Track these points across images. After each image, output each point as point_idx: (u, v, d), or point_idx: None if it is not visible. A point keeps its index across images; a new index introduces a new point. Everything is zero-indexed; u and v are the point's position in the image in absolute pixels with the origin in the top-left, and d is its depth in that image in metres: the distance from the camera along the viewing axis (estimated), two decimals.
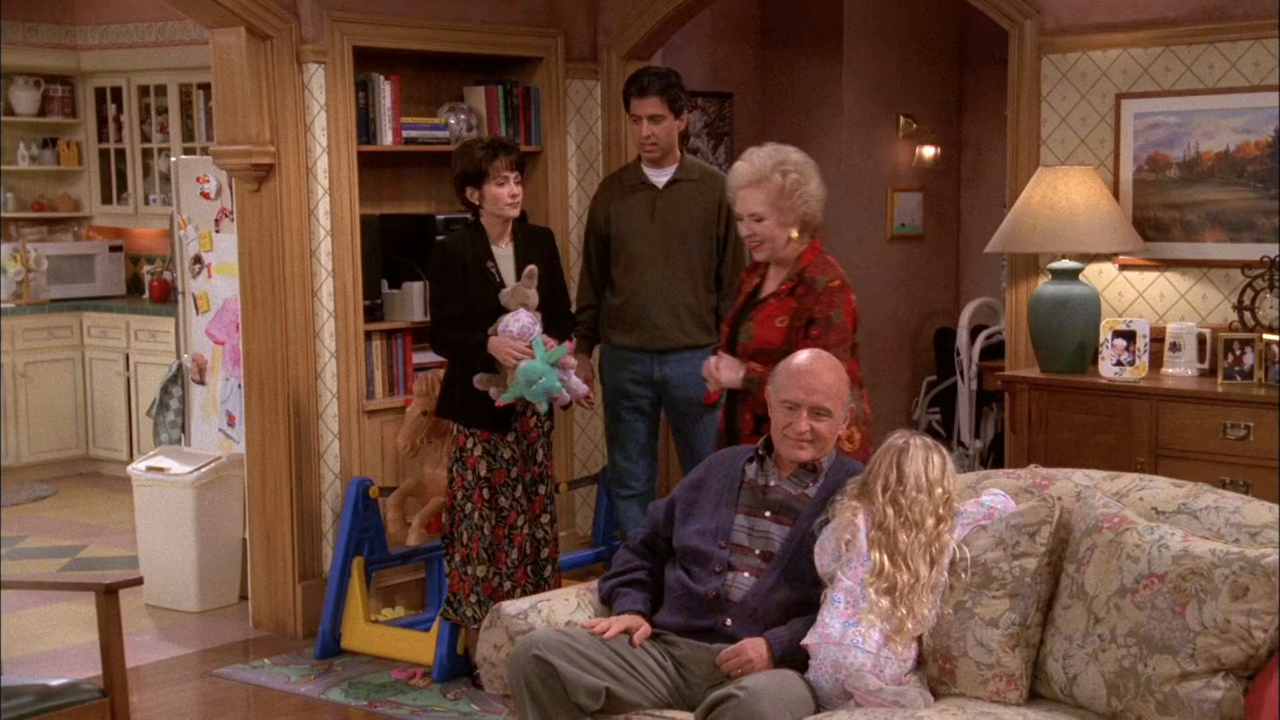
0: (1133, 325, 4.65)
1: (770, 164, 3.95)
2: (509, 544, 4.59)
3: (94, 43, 8.26)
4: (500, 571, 4.59)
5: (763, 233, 3.95)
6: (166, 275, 7.96)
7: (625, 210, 5.07)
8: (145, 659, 5.05)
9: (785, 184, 3.93)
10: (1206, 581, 2.89)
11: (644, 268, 5.03)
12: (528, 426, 4.60)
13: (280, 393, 5.21)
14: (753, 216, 3.96)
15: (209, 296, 5.89)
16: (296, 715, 4.55)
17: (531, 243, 4.67)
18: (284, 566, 5.28)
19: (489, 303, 4.51)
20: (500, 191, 4.53)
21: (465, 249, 4.58)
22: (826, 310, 3.85)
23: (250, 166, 5.11)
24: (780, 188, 3.92)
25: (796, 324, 3.87)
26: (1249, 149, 4.68)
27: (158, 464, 5.74)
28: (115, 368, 7.93)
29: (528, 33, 5.79)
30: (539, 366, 4.42)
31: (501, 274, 4.57)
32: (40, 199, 8.49)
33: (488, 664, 3.40)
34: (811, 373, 3.39)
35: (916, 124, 7.78)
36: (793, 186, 3.93)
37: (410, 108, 5.55)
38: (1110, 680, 2.97)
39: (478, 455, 4.57)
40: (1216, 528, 3.07)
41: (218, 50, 5.14)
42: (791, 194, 3.93)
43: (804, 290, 3.89)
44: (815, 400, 3.34)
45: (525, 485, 4.61)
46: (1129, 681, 2.94)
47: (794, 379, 3.39)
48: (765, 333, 3.91)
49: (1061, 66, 4.98)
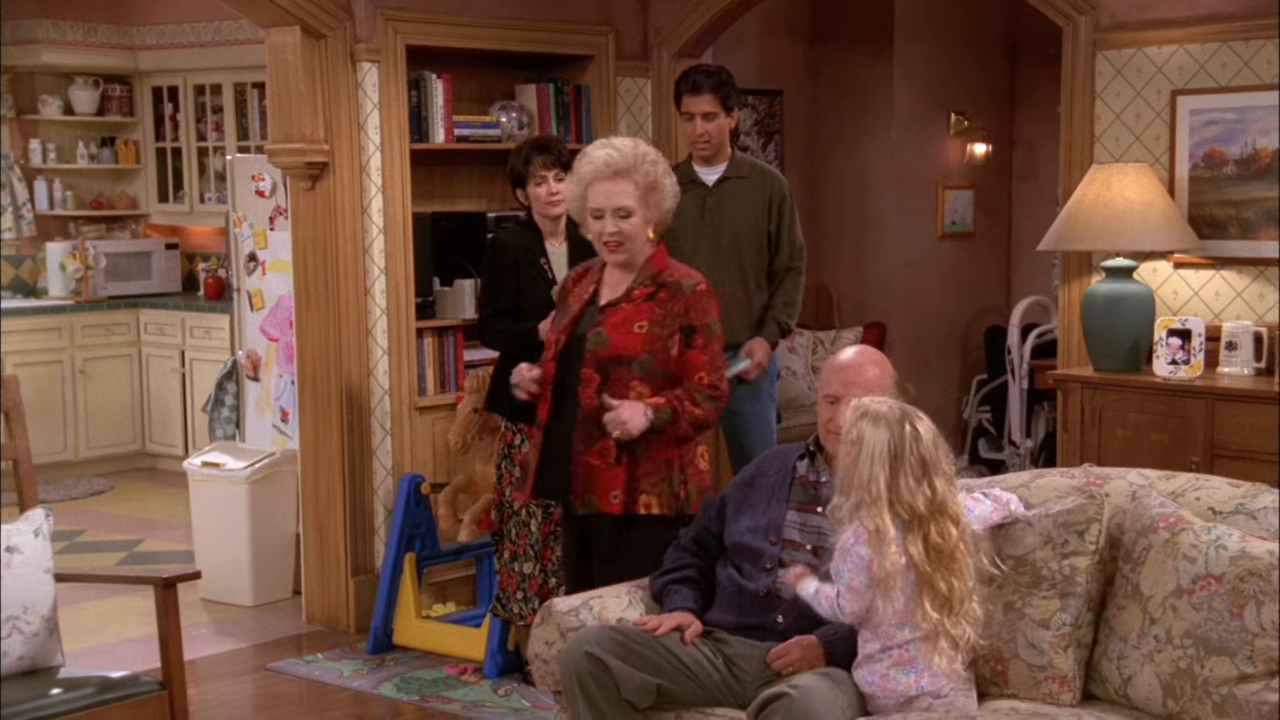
0: (1188, 324, 4.61)
1: (637, 154, 3.63)
2: (556, 541, 4.60)
3: (151, 43, 8.36)
4: (547, 569, 4.61)
5: (628, 230, 3.64)
6: (221, 272, 8.05)
7: (675, 209, 5.07)
8: (200, 653, 5.10)
9: (653, 176, 3.64)
10: (1265, 583, 2.86)
11: (695, 266, 5.01)
12: None
13: (333, 389, 5.26)
14: (619, 212, 3.63)
15: (263, 294, 5.95)
16: (349, 710, 4.59)
17: (586, 241, 4.68)
18: (337, 562, 5.33)
19: (540, 299, 4.53)
20: (539, 191, 4.56)
21: (519, 246, 4.61)
22: (704, 317, 3.67)
23: (304, 165, 5.16)
24: (650, 181, 3.64)
25: (663, 331, 3.64)
26: None
27: (213, 459, 5.80)
28: (171, 364, 8.02)
29: (579, 30, 5.80)
30: None
31: (554, 272, 4.59)
32: (99, 197, 8.60)
33: (539, 660, 3.41)
34: (853, 367, 3.35)
35: (968, 121, 7.74)
36: (658, 180, 3.65)
37: (462, 106, 5.58)
38: (1166, 681, 2.95)
39: (525, 452, 4.59)
40: (1275, 528, 3.04)
41: (273, 49, 5.19)
42: (658, 189, 3.65)
43: (668, 295, 3.65)
44: (854, 394, 3.32)
45: None
46: (1185, 683, 2.92)
47: (836, 373, 3.37)
48: (622, 338, 3.64)
49: (1116, 63, 4.94)
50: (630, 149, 3.64)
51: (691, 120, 4.97)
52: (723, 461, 5.72)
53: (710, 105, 4.94)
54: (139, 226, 8.73)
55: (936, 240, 7.71)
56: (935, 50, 7.58)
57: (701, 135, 4.96)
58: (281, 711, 4.62)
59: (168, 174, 8.53)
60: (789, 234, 5.07)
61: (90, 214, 8.53)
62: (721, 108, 4.96)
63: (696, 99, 4.94)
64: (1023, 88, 7.92)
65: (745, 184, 5.03)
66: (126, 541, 6.68)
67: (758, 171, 5.11)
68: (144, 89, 8.52)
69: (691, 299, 3.67)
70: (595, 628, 3.27)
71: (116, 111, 8.52)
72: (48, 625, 3.46)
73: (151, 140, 8.56)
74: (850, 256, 7.67)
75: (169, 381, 8.03)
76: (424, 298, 5.40)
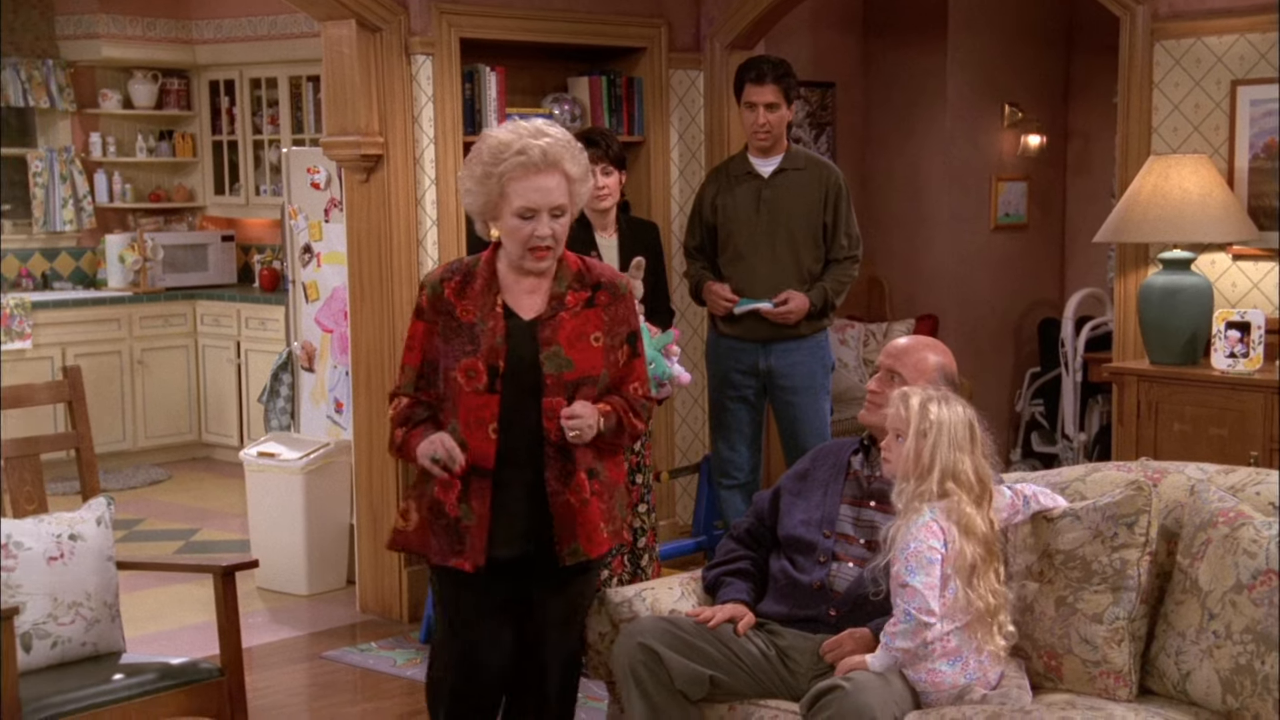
0: (1247, 316, 4.56)
1: (566, 138, 3.13)
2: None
3: (209, 37, 8.44)
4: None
5: (560, 233, 3.14)
6: (276, 264, 8.12)
7: (731, 200, 5.08)
8: (256, 640, 5.15)
9: (582, 164, 3.18)
10: None
11: (750, 258, 5.03)
12: None
13: (387, 380, 5.29)
14: (554, 211, 3.11)
15: (318, 285, 5.99)
16: (402, 698, 4.62)
17: (637, 235, 4.69)
18: (390, 552, 5.35)
19: None
20: None
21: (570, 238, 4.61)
22: (637, 320, 3.32)
23: (359, 157, 5.19)
24: (580, 172, 3.16)
25: (613, 341, 3.22)
26: None
27: (268, 450, 5.85)
28: (227, 355, 8.11)
29: (631, 23, 5.81)
30: (649, 353, 4.44)
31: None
32: (157, 190, 8.70)
33: (592, 650, 3.42)
34: (912, 348, 3.33)
35: (1022, 113, 7.67)
36: (585, 168, 3.20)
37: (515, 98, 5.60)
38: (1225, 677, 2.92)
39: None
40: None
41: (328, 43, 5.23)
42: (585, 179, 3.19)
43: (608, 298, 3.22)
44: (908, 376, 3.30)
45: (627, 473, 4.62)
46: (1245, 679, 2.89)
47: (896, 355, 3.36)
48: (584, 357, 3.15)
49: (1175, 53, 4.88)
50: (560, 134, 3.13)
51: (754, 110, 4.97)
52: (775, 453, 5.72)
53: (774, 96, 4.95)
54: (196, 219, 8.82)
55: (990, 232, 7.65)
56: (989, 41, 7.53)
57: (763, 125, 4.97)
58: (336, 699, 4.66)
59: (224, 167, 8.61)
60: (846, 225, 5.07)
61: (148, 206, 8.63)
62: (784, 99, 4.97)
63: (760, 89, 4.95)
64: (1078, 79, 7.85)
65: (801, 176, 5.03)
66: (184, 530, 6.76)
67: (814, 163, 5.10)
68: (201, 83, 8.61)
69: (626, 300, 3.25)
70: (649, 618, 3.28)
71: (174, 105, 8.61)
72: (110, 612, 3.52)
73: (208, 133, 8.65)
74: (903, 249, 7.63)
75: (225, 372, 8.11)
76: None
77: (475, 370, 3.11)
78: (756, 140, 5.03)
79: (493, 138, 3.14)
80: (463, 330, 3.16)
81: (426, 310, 3.20)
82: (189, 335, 8.26)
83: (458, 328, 3.16)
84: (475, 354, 3.11)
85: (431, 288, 3.21)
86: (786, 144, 5.08)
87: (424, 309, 3.21)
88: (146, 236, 8.27)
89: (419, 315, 3.23)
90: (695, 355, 6.01)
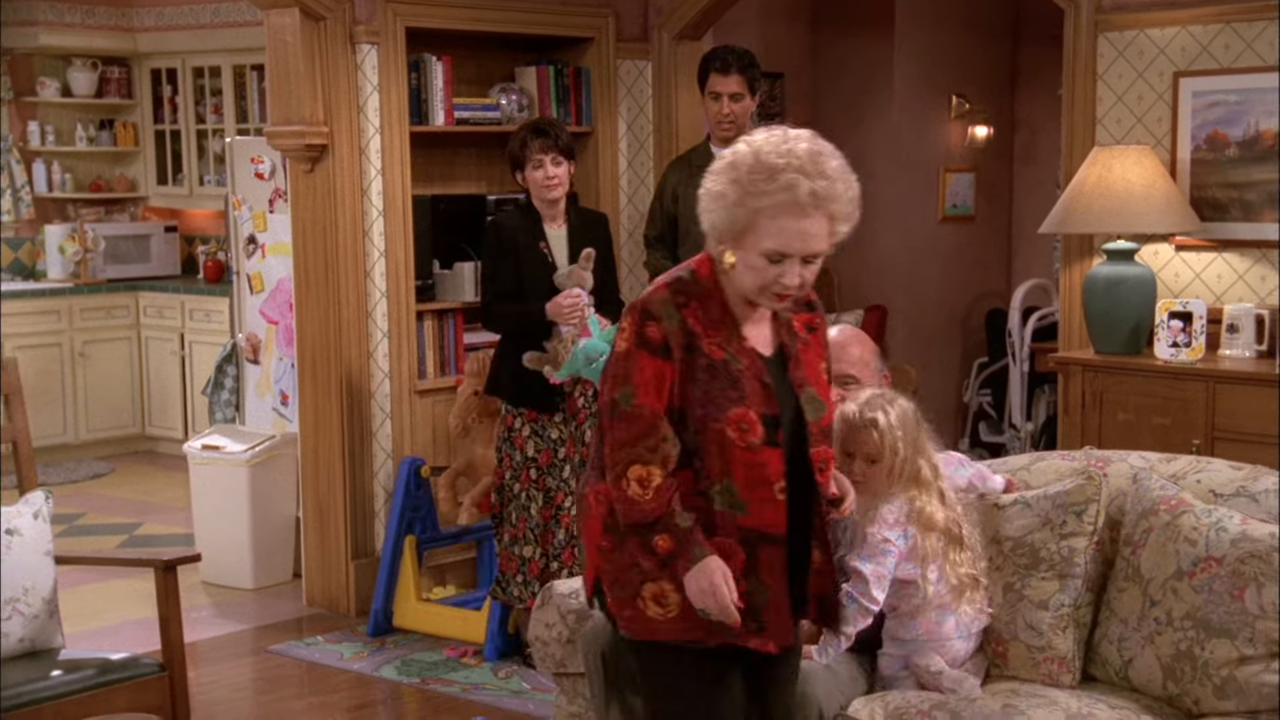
0: (1189, 306, 4.60)
1: (842, 170, 2.65)
2: (556, 525, 4.61)
3: (150, 24, 8.33)
4: (548, 552, 4.61)
5: (809, 279, 2.64)
6: (221, 255, 8.04)
7: (692, 191, 5.03)
8: (201, 635, 5.11)
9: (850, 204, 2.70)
10: (1265, 565, 2.87)
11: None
12: (575, 407, 4.61)
13: (333, 372, 5.25)
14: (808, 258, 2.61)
15: (263, 276, 5.94)
16: (349, 692, 4.59)
17: (586, 226, 4.68)
18: (337, 545, 5.33)
19: (541, 283, 4.52)
20: (536, 175, 4.54)
21: (518, 229, 4.60)
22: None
23: (304, 147, 5.14)
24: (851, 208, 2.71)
25: (826, 370, 2.80)
26: None
27: (213, 442, 5.80)
28: (170, 347, 8.02)
29: (579, 13, 5.78)
30: (600, 345, 4.43)
31: (554, 255, 4.58)
32: (97, 180, 8.59)
33: (540, 643, 3.41)
34: (838, 344, 3.31)
35: (969, 104, 7.71)
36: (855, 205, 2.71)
37: (462, 88, 5.56)
38: (1166, 664, 2.95)
39: (525, 435, 4.59)
40: (1275, 511, 3.03)
41: (272, 31, 5.17)
42: (852, 217, 2.72)
43: (821, 319, 2.85)
44: (840, 369, 3.31)
45: (574, 466, 4.62)
46: (1186, 665, 2.92)
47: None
48: (827, 397, 2.72)
49: (1118, 44, 4.92)
50: (837, 165, 2.58)
51: (718, 100, 5.00)
52: None
53: (738, 86, 4.98)
54: (138, 209, 8.71)
55: (937, 223, 7.69)
56: (936, 33, 7.56)
57: (728, 115, 5.00)
58: (282, 694, 4.62)
59: (167, 156, 8.51)
60: None
61: (89, 196, 8.51)
62: (748, 89, 5.01)
63: (725, 79, 4.98)
64: (1024, 70, 7.90)
65: None
66: (126, 524, 6.68)
67: None
68: (143, 71, 8.50)
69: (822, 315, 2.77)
70: None
71: (115, 94, 8.50)
72: (48, 607, 3.47)
73: (150, 123, 8.54)
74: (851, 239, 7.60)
75: (168, 364, 8.02)
76: (424, 280, 5.39)
77: (748, 422, 2.53)
78: (720, 130, 5.04)
79: (755, 153, 2.54)
80: (718, 371, 2.54)
81: (663, 345, 2.52)
82: (131, 327, 8.16)
83: (709, 367, 2.54)
84: (742, 401, 2.53)
85: (668, 316, 2.53)
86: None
87: (659, 343, 2.52)
88: (87, 227, 8.16)
89: (651, 350, 2.52)
90: None
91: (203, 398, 6.67)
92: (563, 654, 3.37)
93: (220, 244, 8.16)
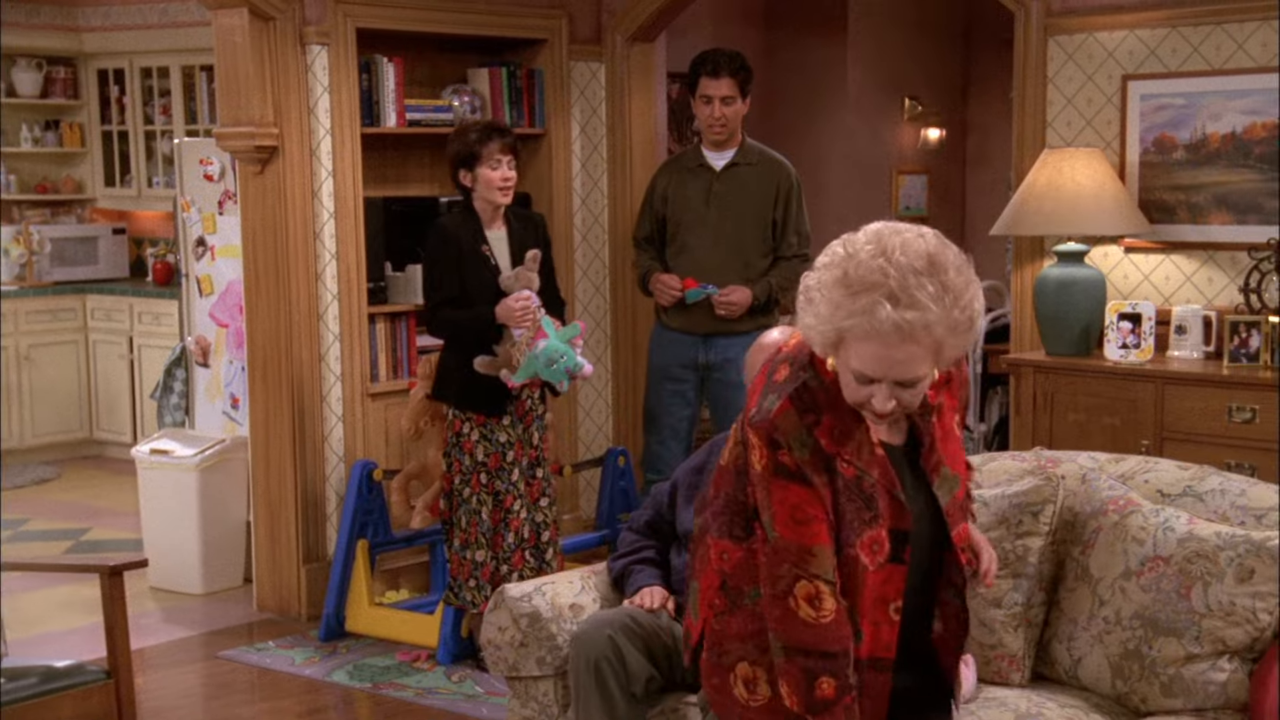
0: (1138, 308, 4.65)
1: (957, 293, 2.22)
2: (506, 528, 4.59)
3: (96, 24, 8.24)
4: (499, 556, 4.59)
5: (909, 401, 2.25)
6: (170, 258, 7.96)
7: (682, 193, 5.10)
8: (150, 641, 5.06)
9: (964, 325, 2.27)
10: (1212, 564, 2.90)
11: (696, 250, 5.05)
12: (523, 410, 4.60)
13: (284, 375, 5.21)
14: (905, 383, 2.23)
15: (212, 279, 5.89)
16: (301, 697, 4.56)
17: (525, 228, 4.66)
18: (288, 549, 5.29)
19: (485, 286, 4.50)
20: (493, 175, 4.51)
21: (461, 232, 4.57)
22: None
23: (253, 148, 5.10)
24: (963, 326, 2.26)
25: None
26: (1256, 130, 4.66)
27: (161, 446, 5.74)
28: (119, 350, 7.94)
29: (532, 14, 5.77)
30: (559, 345, 4.42)
31: (497, 258, 4.56)
32: (43, 181, 8.48)
33: (492, 646, 3.41)
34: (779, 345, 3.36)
35: (921, 106, 7.77)
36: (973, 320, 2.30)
37: (414, 90, 5.54)
38: (1115, 662, 2.97)
39: (474, 440, 4.57)
40: (1222, 510, 3.07)
41: (220, 32, 5.12)
42: (967, 331, 2.28)
43: (957, 368, 2.48)
44: None
45: (522, 469, 4.61)
46: (1134, 664, 2.94)
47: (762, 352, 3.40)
48: (959, 456, 2.43)
49: (1068, 48, 4.96)
50: (934, 295, 2.17)
51: (709, 103, 4.99)
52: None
53: (729, 89, 4.98)
54: (85, 211, 8.62)
55: None
56: (889, 36, 7.61)
57: (719, 118, 5.00)
58: (232, 699, 4.59)
59: (114, 158, 8.42)
60: (796, 223, 5.09)
61: (35, 198, 8.41)
62: (739, 92, 5.01)
63: (716, 82, 4.97)
64: (976, 73, 7.96)
65: (753, 171, 5.05)
66: (74, 530, 6.61)
67: (766, 159, 5.12)
68: (89, 71, 8.40)
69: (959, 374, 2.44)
70: (607, 613, 3.27)
71: (61, 94, 8.40)
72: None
73: (97, 123, 8.45)
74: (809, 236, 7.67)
75: (117, 368, 7.94)
76: (376, 283, 5.36)
77: (879, 542, 2.27)
78: (711, 134, 5.04)
79: (849, 258, 2.22)
80: (852, 492, 2.26)
81: (798, 473, 2.23)
82: (79, 330, 8.07)
83: (845, 488, 2.26)
84: (876, 522, 2.26)
85: (799, 445, 2.23)
86: (741, 138, 5.10)
87: (797, 470, 2.23)
88: (33, 229, 8.06)
89: (790, 478, 2.23)
90: (599, 349, 6.00)
91: (151, 401, 6.60)
92: (515, 657, 3.37)
93: (169, 246, 8.08)
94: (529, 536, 4.62)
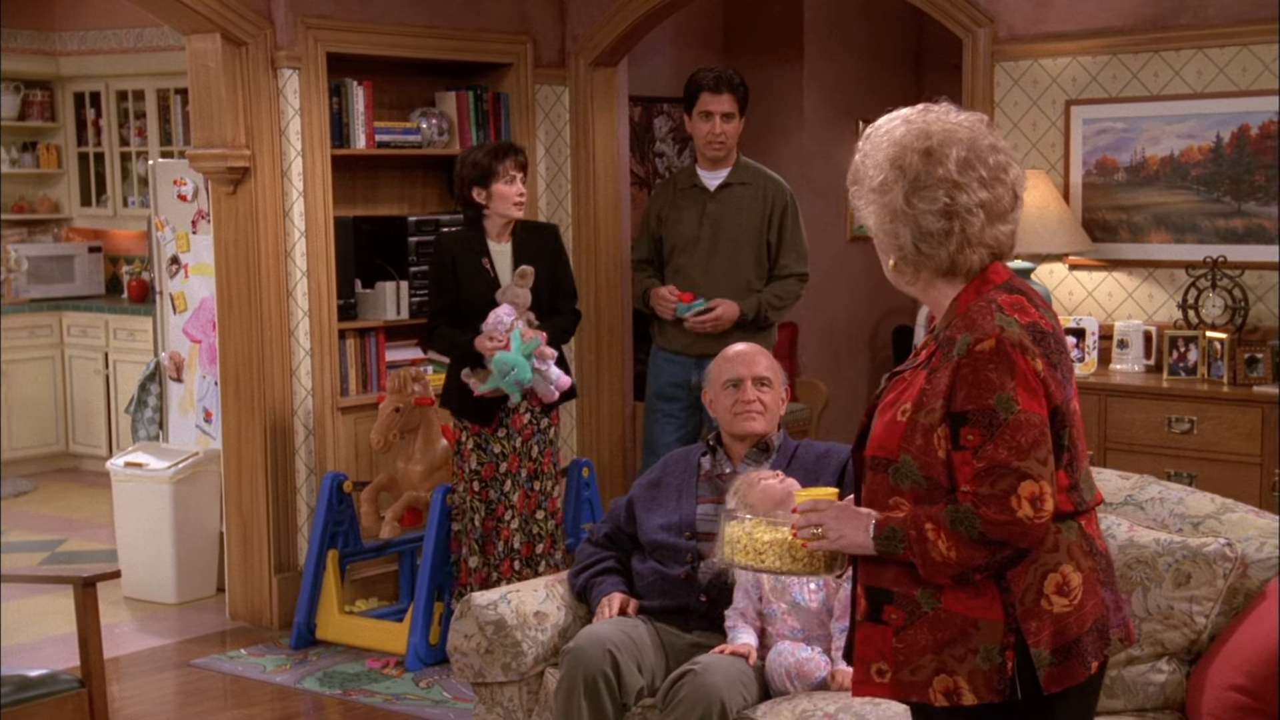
0: (1082, 323, 4.80)
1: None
2: (496, 536, 4.73)
3: (73, 48, 8.34)
4: (489, 563, 4.73)
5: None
6: (145, 276, 8.04)
7: (675, 214, 5.04)
8: (123, 650, 5.14)
9: None
10: (1151, 570, 2.99)
11: (691, 272, 4.97)
12: (521, 423, 4.72)
13: (256, 390, 5.32)
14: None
15: (186, 296, 5.99)
16: (272, 704, 4.64)
17: (532, 239, 4.79)
18: (260, 559, 5.38)
19: (483, 299, 4.64)
20: (508, 190, 4.64)
21: (459, 246, 4.73)
22: None
23: (226, 169, 5.21)
24: None
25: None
26: (1192, 154, 4.84)
27: (136, 460, 5.82)
28: (94, 366, 8.01)
29: (497, 39, 5.90)
30: (512, 358, 4.53)
31: (498, 271, 4.70)
32: (20, 201, 8.57)
33: (459, 654, 3.48)
34: (747, 354, 3.57)
35: None
36: None
37: (383, 112, 5.66)
38: None
39: (470, 448, 4.73)
40: (1161, 518, 3.16)
41: (194, 56, 5.24)
42: None
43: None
44: (757, 372, 3.52)
45: (518, 481, 4.73)
46: None
47: (732, 361, 3.57)
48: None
49: (1014, 73, 5.14)
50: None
51: (709, 119, 4.91)
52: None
53: (730, 105, 4.91)
54: (61, 230, 8.70)
55: (846, 244, 7.88)
56: (843, 61, 7.75)
57: (719, 135, 4.91)
58: (205, 707, 4.67)
59: (90, 178, 8.50)
60: (791, 241, 5.00)
61: (12, 218, 8.48)
62: (739, 109, 4.93)
63: (718, 98, 4.90)
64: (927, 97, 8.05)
65: (747, 191, 4.98)
66: (49, 541, 6.67)
67: (761, 178, 5.03)
68: (66, 94, 8.49)
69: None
70: (603, 625, 3.35)
71: (38, 116, 8.49)
72: None
73: (74, 145, 8.53)
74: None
75: (92, 383, 8.01)
76: (346, 300, 5.47)
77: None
78: (710, 150, 4.96)
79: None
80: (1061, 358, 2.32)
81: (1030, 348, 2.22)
82: (55, 346, 8.15)
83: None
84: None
85: (1036, 331, 2.24)
86: (736, 156, 5.03)
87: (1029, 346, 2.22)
88: (10, 248, 8.14)
89: (1024, 351, 2.21)
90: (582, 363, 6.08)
91: (126, 416, 6.68)
92: (481, 664, 3.45)
93: (144, 264, 8.17)
94: (521, 547, 4.74)
